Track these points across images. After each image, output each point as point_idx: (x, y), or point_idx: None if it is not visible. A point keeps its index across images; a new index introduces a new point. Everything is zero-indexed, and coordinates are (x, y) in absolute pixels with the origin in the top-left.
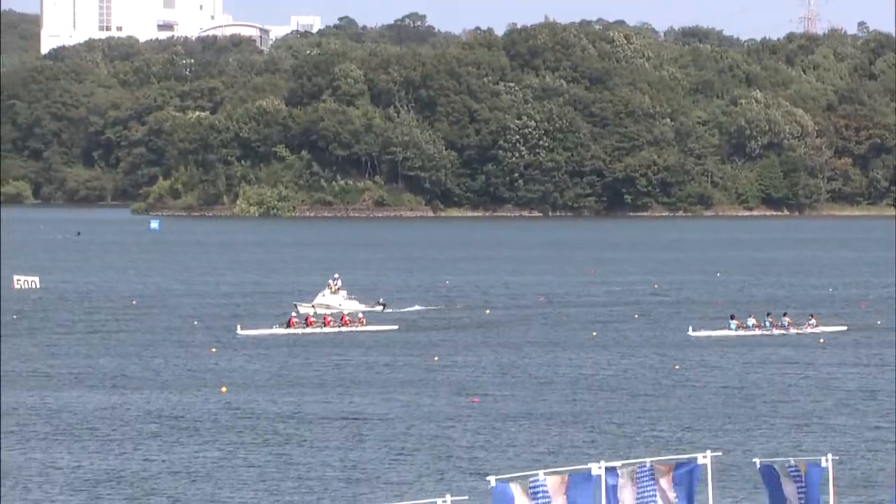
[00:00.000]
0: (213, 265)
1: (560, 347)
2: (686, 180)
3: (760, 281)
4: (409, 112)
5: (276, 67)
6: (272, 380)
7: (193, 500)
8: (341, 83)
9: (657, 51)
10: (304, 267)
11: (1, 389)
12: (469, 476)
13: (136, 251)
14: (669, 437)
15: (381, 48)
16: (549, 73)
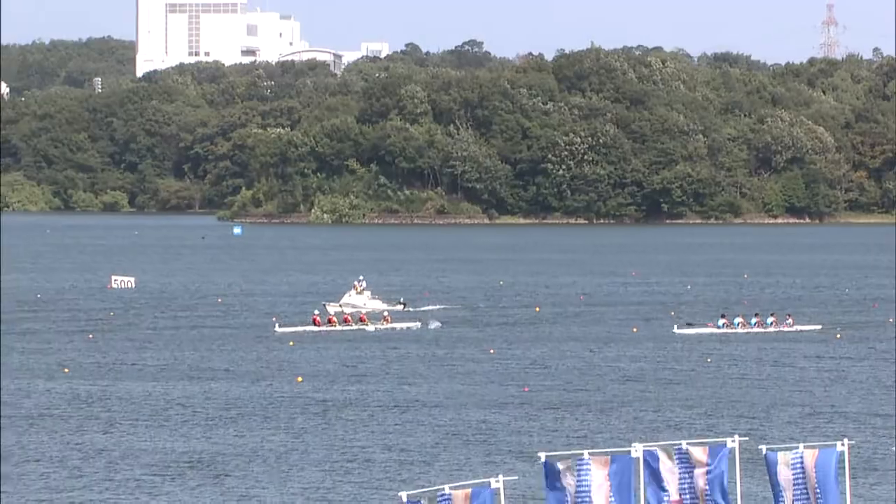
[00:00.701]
0: (290, 266)
1: (602, 341)
2: (717, 191)
3: (780, 282)
4: (467, 129)
5: (347, 89)
6: (339, 370)
7: (267, 476)
8: (406, 103)
9: (691, 74)
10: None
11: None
12: (519, 458)
13: (221, 254)
14: (699, 423)
15: (442, 72)
16: (593, 95)
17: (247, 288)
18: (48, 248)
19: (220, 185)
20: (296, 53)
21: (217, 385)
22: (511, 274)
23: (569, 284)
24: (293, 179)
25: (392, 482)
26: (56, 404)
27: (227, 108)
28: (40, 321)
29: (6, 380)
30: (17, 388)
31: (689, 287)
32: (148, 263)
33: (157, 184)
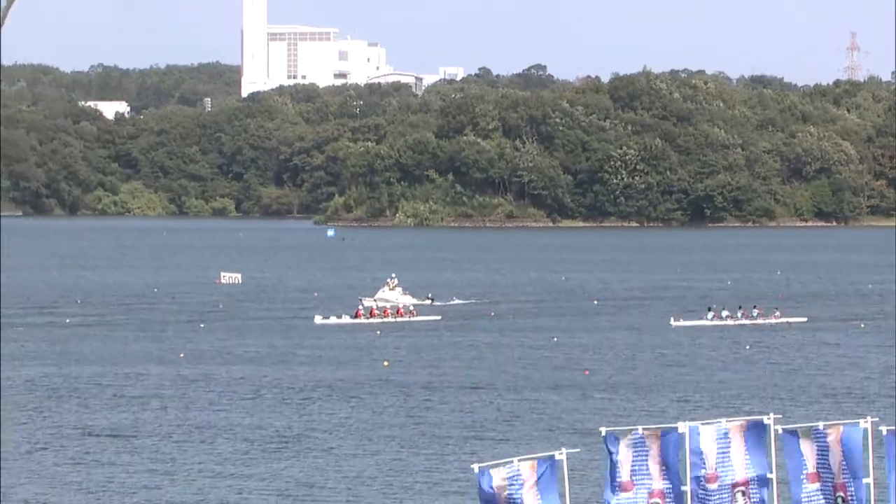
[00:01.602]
0: (374, 264)
1: (649, 331)
2: (754, 197)
3: (806, 278)
4: (532, 143)
5: (427, 108)
6: (417, 355)
7: (352, 449)
8: (479, 120)
9: (730, 94)
10: (444, 266)
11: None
12: (579, 434)
13: (316, 254)
14: (736, 403)
15: (511, 92)
16: (644, 113)
17: (337, 283)
18: (164, 248)
19: (315, 193)
20: (382, 76)
21: (309, 368)
22: (572, 271)
23: (623, 280)
24: (380, 187)
25: (465, 455)
26: (169, 385)
27: (322, 125)
28: (158, 312)
29: (127, 365)
30: (137, 371)
31: (728, 282)
32: (252, 262)
33: (260, 191)
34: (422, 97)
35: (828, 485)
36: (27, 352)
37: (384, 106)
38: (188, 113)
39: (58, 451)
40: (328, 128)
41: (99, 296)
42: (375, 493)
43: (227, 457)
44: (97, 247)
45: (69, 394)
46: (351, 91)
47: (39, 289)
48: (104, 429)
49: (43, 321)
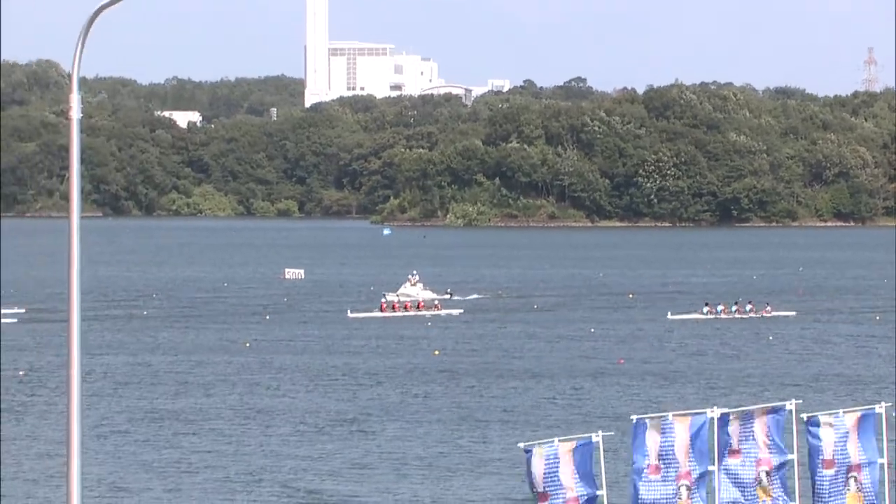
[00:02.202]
0: (425, 260)
1: (679, 324)
2: (778, 200)
3: (826, 274)
4: (573, 149)
5: (476, 117)
6: (463, 345)
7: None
8: (524, 128)
9: (756, 104)
10: (489, 263)
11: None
12: (613, 418)
13: (373, 252)
14: (758, 390)
15: (553, 103)
16: (676, 121)
17: (392, 278)
18: (233, 246)
19: (372, 195)
20: (434, 88)
21: (363, 357)
22: (608, 267)
23: (656, 276)
24: (432, 190)
25: (507, 437)
26: (234, 372)
27: (378, 133)
28: (227, 305)
29: (197, 353)
30: (206, 359)
31: (754, 277)
32: (314, 259)
33: (322, 194)
34: (471, 107)
35: (843, 468)
36: (107, 341)
37: (436, 115)
38: (255, 122)
39: (130, 432)
40: (384, 135)
41: (173, 290)
42: (423, 471)
43: (285, 438)
44: (172, 245)
45: (143, 379)
46: (405, 102)
47: (119, 283)
48: (174, 411)
49: (122, 313)
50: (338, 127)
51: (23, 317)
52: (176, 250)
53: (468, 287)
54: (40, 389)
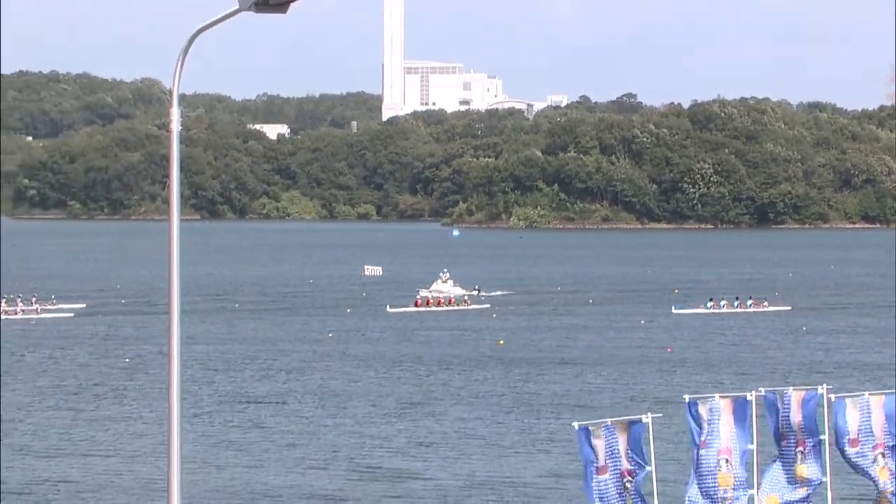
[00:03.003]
0: (490, 259)
1: (720, 316)
2: (810, 204)
3: (854, 272)
4: (624, 158)
5: (537, 129)
6: (521, 336)
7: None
8: (580, 139)
9: (790, 117)
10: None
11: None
12: (661, 402)
13: (443, 251)
14: (789, 375)
15: (606, 116)
16: (718, 133)
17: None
18: (317, 246)
19: (443, 200)
20: (499, 103)
21: (431, 346)
22: (657, 265)
23: (699, 273)
24: (496, 195)
25: (562, 417)
26: (317, 359)
27: (448, 144)
28: (312, 299)
29: (284, 342)
30: (291, 348)
31: (790, 274)
32: (391, 257)
33: (397, 199)
34: (532, 120)
35: (867, 446)
36: (202, 331)
37: (501, 128)
38: (338, 134)
39: (220, 413)
40: (454, 146)
41: (262, 286)
42: (482, 449)
43: (358, 419)
44: (262, 245)
45: (233, 366)
46: (473, 115)
47: (214, 280)
48: (259, 395)
49: (217, 306)
50: (412, 138)
51: (125, 310)
52: (266, 250)
53: (496, 285)
54: (140, 375)
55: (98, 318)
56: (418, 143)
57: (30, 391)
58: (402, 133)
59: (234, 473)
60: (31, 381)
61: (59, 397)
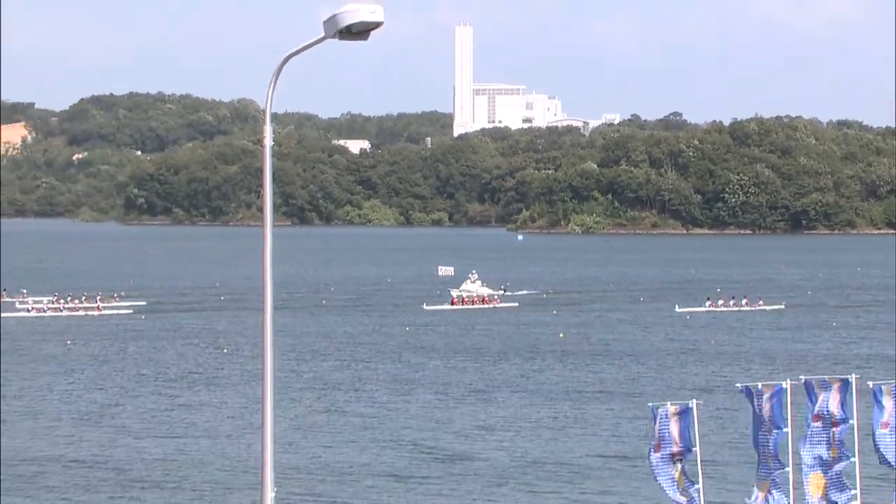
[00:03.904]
0: (551, 262)
1: (756, 312)
2: (839, 212)
3: (880, 273)
4: (671, 171)
5: (592, 144)
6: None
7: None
8: (631, 154)
9: (821, 133)
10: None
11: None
12: (705, 390)
13: (509, 254)
14: (823, 363)
15: (655, 133)
16: (756, 148)
17: (521, 276)
18: (396, 250)
19: (508, 207)
20: (558, 121)
21: (494, 338)
22: (700, 266)
23: (738, 273)
24: (556, 204)
25: (614, 402)
26: (393, 350)
27: (513, 157)
28: (391, 296)
29: (365, 335)
30: (371, 340)
31: (819, 275)
32: (462, 258)
33: (467, 207)
34: (588, 137)
35: None
36: (291, 325)
37: (560, 143)
38: (413, 149)
39: (303, 399)
40: (518, 159)
41: (346, 284)
42: (537, 432)
43: (425, 404)
44: (346, 248)
45: (316, 356)
46: (535, 132)
47: (303, 279)
48: (339, 382)
49: (305, 303)
50: (480, 152)
51: (223, 306)
52: (349, 252)
53: (522, 285)
54: (236, 364)
55: (199, 314)
56: (486, 157)
57: (133, 378)
58: (472, 148)
59: (314, 452)
60: (135, 369)
61: (160, 384)
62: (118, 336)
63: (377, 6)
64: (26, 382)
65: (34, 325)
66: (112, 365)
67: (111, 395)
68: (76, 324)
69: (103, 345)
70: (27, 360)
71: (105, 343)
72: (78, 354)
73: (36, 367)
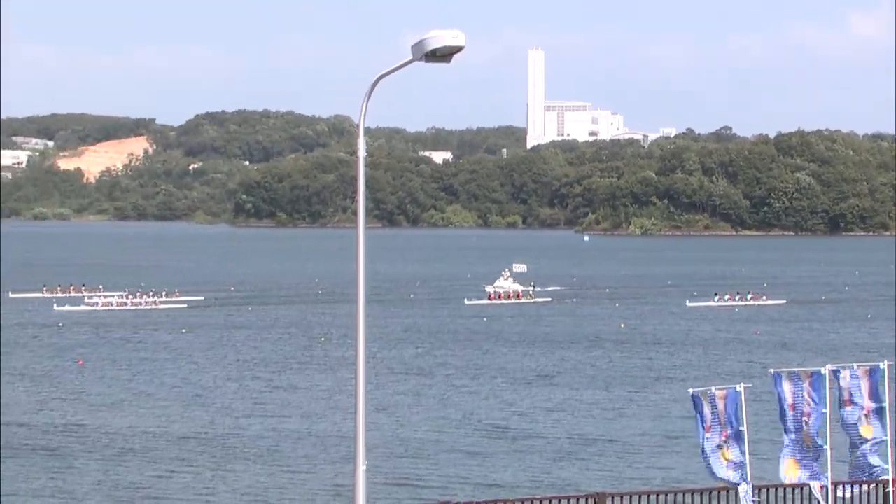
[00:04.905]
0: (616, 261)
1: (797, 306)
2: (874, 215)
3: None
4: (722, 178)
5: (651, 155)
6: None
7: (582, 382)
8: (686, 163)
9: (858, 145)
10: (658, 260)
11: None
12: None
13: (576, 254)
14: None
15: (708, 144)
16: (799, 158)
17: (586, 272)
18: (474, 249)
19: (575, 211)
20: (620, 134)
21: (556, 328)
22: (748, 265)
23: (783, 271)
24: (618, 208)
25: (664, 387)
26: (466, 338)
27: (580, 167)
28: (469, 292)
29: (446, 324)
30: (450, 328)
31: (856, 273)
32: (534, 257)
33: (539, 211)
34: (647, 148)
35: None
36: (383, 316)
37: (622, 154)
38: (491, 159)
39: (387, 382)
40: (584, 169)
41: (431, 280)
42: (595, 412)
43: (493, 388)
44: (431, 248)
45: (400, 344)
46: (600, 144)
47: (393, 275)
48: (418, 367)
49: (395, 297)
50: (550, 162)
51: (319, 298)
52: (434, 252)
53: (552, 281)
54: (332, 351)
55: (299, 307)
56: (555, 167)
57: (234, 364)
58: (543, 158)
59: (393, 429)
60: (235, 356)
61: (260, 369)
62: (225, 326)
63: (458, 32)
64: (143, 366)
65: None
66: (218, 351)
67: (216, 379)
68: (187, 315)
69: (213, 334)
70: (141, 348)
71: (215, 332)
72: (189, 342)
73: (155, 352)
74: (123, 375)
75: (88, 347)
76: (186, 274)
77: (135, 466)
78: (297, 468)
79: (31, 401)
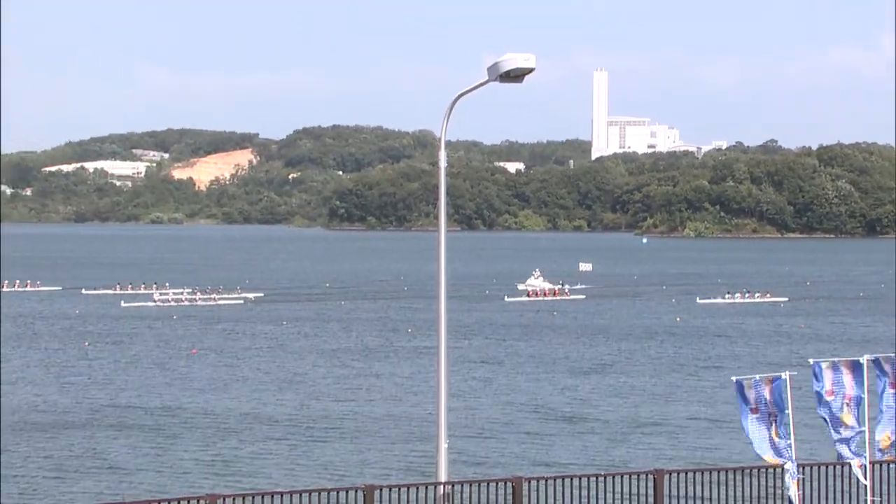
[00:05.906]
0: (670, 262)
1: (832, 301)
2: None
3: None
4: (769, 186)
5: (704, 165)
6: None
7: (629, 368)
8: (736, 173)
9: (893, 156)
10: (706, 260)
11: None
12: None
13: (635, 256)
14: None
15: (755, 156)
16: (839, 168)
17: (644, 271)
18: (545, 250)
19: (635, 216)
20: (676, 147)
21: (609, 319)
22: (793, 264)
23: (822, 270)
24: (674, 213)
25: (711, 373)
26: (531, 331)
27: (640, 176)
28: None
29: (517, 317)
30: (518, 322)
31: (891, 272)
32: (597, 256)
33: (602, 216)
34: (700, 159)
35: None
36: (461, 310)
37: (677, 164)
38: (559, 169)
39: (460, 370)
40: (643, 178)
41: (504, 278)
42: (644, 398)
43: (555, 375)
44: (505, 249)
45: (473, 335)
46: (657, 156)
47: (471, 273)
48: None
49: (472, 293)
50: (612, 172)
51: (404, 294)
52: (508, 252)
53: (580, 280)
54: (415, 341)
55: (386, 301)
56: (617, 176)
57: (326, 352)
58: (606, 169)
59: (466, 412)
60: (327, 346)
61: (349, 357)
62: (319, 319)
63: (530, 55)
64: (245, 355)
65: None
66: (312, 341)
67: (309, 365)
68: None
69: (306, 325)
70: (243, 339)
71: (309, 324)
72: (286, 333)
73: (253, 342)
74: (228, 362)
75: (197, 338)
76: (285, 273)
77: (232, 443)
78: (380, 447)
79: (144, 385)
